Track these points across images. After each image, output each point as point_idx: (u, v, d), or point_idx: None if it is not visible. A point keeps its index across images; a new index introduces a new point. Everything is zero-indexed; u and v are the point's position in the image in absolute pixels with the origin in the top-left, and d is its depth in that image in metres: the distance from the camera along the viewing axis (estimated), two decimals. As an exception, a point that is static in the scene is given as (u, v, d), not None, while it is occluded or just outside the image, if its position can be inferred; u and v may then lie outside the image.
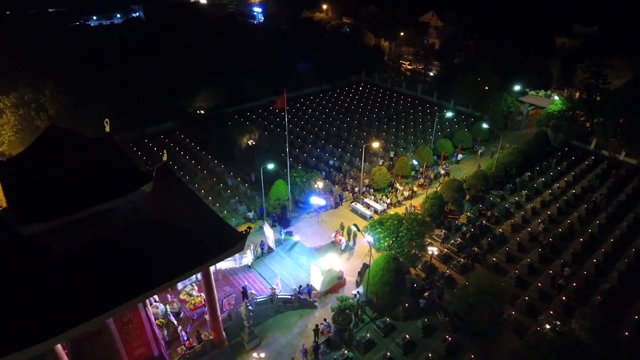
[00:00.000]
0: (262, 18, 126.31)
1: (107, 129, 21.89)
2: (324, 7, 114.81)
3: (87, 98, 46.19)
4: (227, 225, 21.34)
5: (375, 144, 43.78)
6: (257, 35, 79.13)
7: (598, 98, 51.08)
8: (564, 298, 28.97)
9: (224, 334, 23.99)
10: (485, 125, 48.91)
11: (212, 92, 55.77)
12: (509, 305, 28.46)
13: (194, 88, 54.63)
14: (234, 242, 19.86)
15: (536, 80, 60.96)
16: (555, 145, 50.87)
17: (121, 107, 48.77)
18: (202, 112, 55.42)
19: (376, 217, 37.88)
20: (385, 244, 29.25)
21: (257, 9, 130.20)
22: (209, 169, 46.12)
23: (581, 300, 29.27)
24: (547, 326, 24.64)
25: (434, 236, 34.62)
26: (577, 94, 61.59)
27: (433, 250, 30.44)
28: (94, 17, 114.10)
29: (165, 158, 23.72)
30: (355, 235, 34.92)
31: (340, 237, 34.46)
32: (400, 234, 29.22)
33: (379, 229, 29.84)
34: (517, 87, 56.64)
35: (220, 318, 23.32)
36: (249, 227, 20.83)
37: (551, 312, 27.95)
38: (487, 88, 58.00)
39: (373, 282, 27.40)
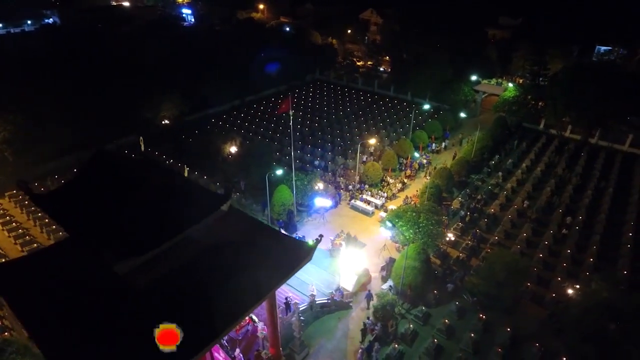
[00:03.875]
0: (193, 20, 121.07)
1: (142, 148, 19.93)
2: (260, 7, 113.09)
3: (37, 115, 41.00)
4: (289, 237, 20.59)
5: (372, 140, 44.44)
6: (195, 37, 75.47)
7: (542, 83, 56.94)
8: (564, 265, 32.12)
9: (281, 349, 23.18)
10: (462, 115, 52.07)
11: (175, 99, 52.43)
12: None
13: (155, 97, 50.93)
14: (306, 253, 19.27)
15: (482, 70, 65.99)
16: (512, 129, 55.67)
17: (74, 122, 44.08)
18: (167, 121, 51.95)
19: (377, 212, 38.76)
20: (410, 236, 30.07)
21: (187, 11, 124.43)
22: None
23: (577, 264, 32.66)
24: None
25: (439, 223, 36.21)
26: (517, 80, 67.91)
27: (450, 236, 31.93)
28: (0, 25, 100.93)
29: (186, 174, 22.23)
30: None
31: (342, 242, 34.22)
32: (420, 225, 30.25)
33: (400, 222, 30.59)
34: (474, 77, 60.94)
35: (279, 333, 22.48)
36: (321, 235, 20.24)
37: (559, 278, 30.85)
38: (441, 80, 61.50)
39: (406, 274, 28.12)
